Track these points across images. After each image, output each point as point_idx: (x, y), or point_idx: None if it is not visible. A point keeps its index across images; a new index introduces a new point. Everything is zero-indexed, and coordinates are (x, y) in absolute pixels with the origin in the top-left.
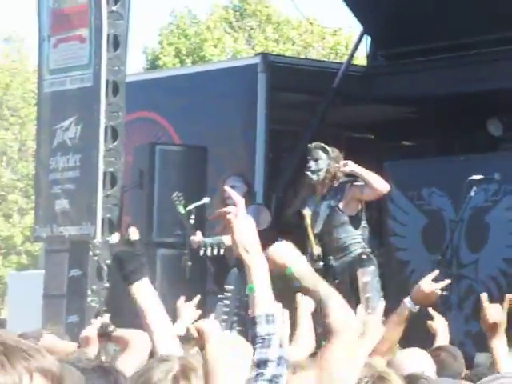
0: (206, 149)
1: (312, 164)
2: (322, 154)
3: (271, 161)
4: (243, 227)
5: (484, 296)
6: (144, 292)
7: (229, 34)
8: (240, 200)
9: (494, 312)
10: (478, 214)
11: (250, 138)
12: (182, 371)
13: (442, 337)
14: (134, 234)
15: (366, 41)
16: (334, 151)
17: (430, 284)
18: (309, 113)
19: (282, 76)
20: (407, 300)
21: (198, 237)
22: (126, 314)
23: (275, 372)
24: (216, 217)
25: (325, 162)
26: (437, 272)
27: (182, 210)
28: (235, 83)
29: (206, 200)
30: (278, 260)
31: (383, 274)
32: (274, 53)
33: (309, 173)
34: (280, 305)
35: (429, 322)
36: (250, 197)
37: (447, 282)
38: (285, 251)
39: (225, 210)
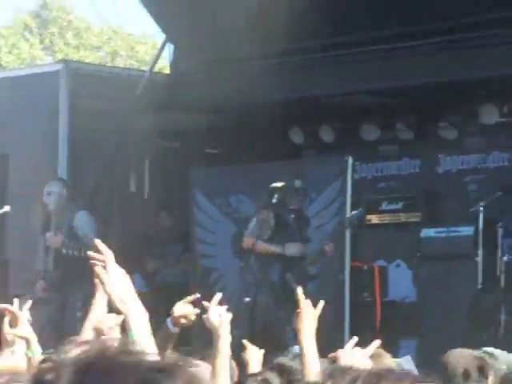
0: (7, 156)
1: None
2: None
3: (74, 168)
4: (114, 278)
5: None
6: None
7: (27, 40)
8: (108, 253)
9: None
10: None
11: (52, 145)
12: None
13: (254, 367)
14: None
15: (170, 49)
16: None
17: (181, 308)
18: (112, 120)
19: (85, 83)
20: (167, 321)
21: None
22: None
23: None
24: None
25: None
26: (196, 296)
27: None
28: (37, 90)
29: (6, 208)
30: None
31: (189, 281)
32: (75, 59)
33: None
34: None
35: (242, 354)
36: (72, 201)
37: (195, 311)
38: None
39: (93, 262)
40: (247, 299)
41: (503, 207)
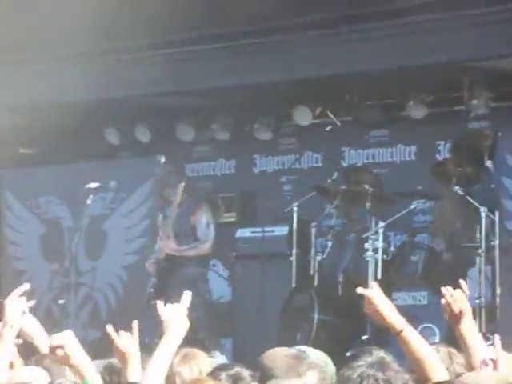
0: None
1: None
2: None
3: None
4: None
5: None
6: None
7: None
8: None
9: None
10: (96, 222)
11: None
12: None
13: None
14: None
15: None
16: None
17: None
18: None
19: None
20: None
21: None
22: None
23: None
24: None
25: None
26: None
27: None
28: None
29: None
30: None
31: (1, 283)
32: None
33: None
34: None
35: None
36: None
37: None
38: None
39: None
40: (61, 301)
41: (316, 207)
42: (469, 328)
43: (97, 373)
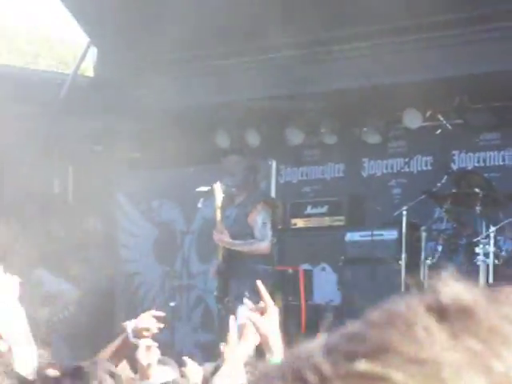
0: None
1: None
2: None
3: None
4: None
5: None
6: None
7: None
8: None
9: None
10: (208, 225)
11: None
12: None
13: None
14: None
15: (93, 52)
16: None
17: (146, 320)
18: (35, 124)
19: (7, 87)
20: (129, 331)
21: None
22: None
23: None
24: None
25: None
26: (156, 313)
27: None
28: None
29: None
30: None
31: (113, 286)
32: None
33: None
34: None
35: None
36: None
37: (159, 325)
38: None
39: None
40: (172, 304)
41: (426, 211)
42: None
43: None
